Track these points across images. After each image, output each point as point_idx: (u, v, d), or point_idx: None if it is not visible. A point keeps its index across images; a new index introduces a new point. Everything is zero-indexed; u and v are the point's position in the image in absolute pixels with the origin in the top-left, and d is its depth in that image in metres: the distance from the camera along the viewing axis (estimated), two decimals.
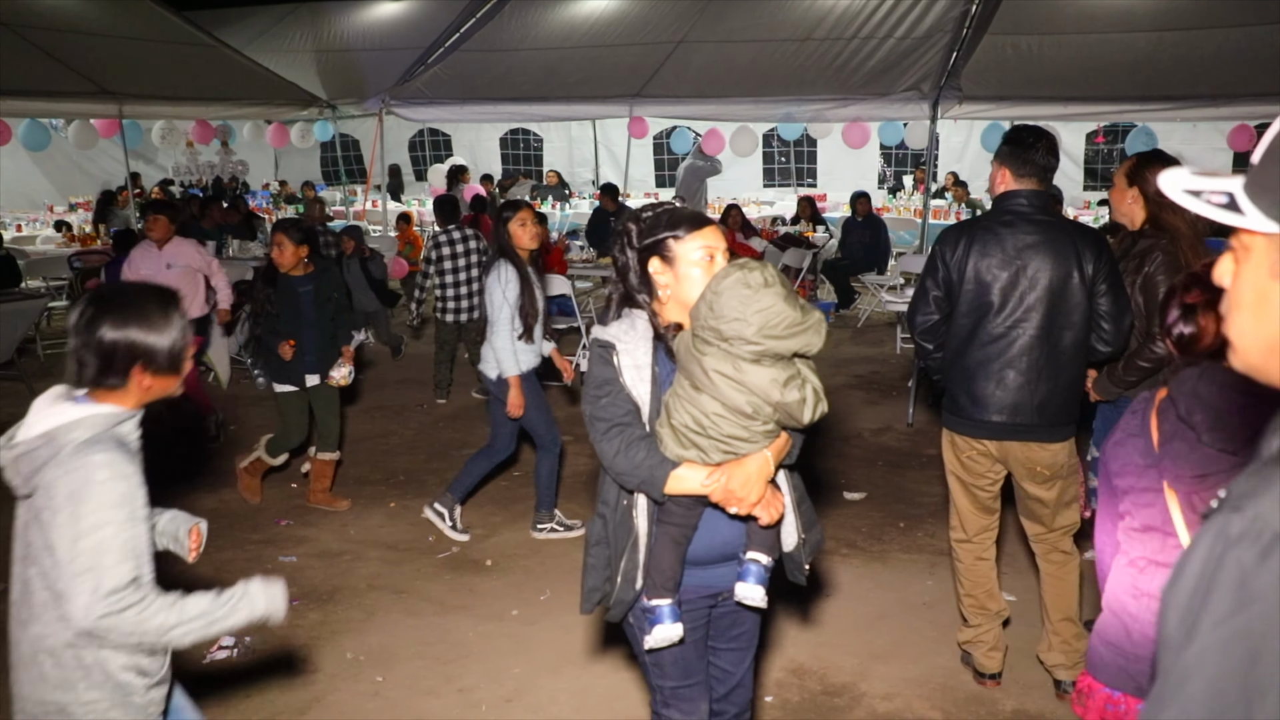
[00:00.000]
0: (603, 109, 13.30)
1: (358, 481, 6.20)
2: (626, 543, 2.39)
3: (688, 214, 2.38)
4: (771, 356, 2.19)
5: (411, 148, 19.16)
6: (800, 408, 2.22)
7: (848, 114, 11.51)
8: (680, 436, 2.26)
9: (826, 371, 8.75)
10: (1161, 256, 3.69)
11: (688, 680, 2.49)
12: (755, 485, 2.27)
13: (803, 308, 2.20)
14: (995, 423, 3.54)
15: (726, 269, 2.21)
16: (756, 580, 2.39)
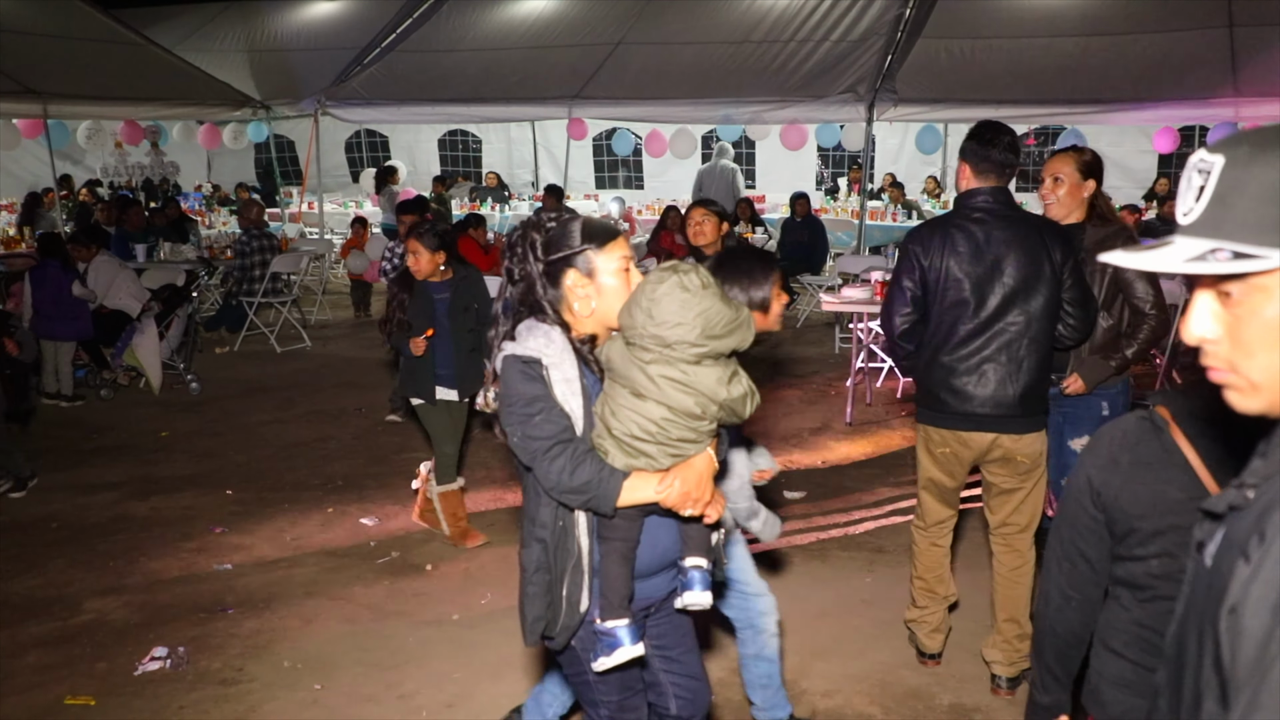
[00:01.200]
0: (542, 110, 13.26)
1: (295, 486, 6.11)
2: (568, 565, 2.30)
3: (601, 226, 2.35)
4: (713, 356, 2.21)
5: (348, 149, 18.93)
6: (743, 402, 2.24)
7: (785, 116, 11.61)
8: (627, 447, 2.23)
9: (766, 372, 8.85)
10: (1130, 245, 3.71)
11: (630, 691, 2.47)
12: (706, 486, 2.27)
13: (733, 303, 2.22)
14: (978, 415, 3.57)
15: (659, 274, 2.20)
16: (702, 586, 2.38)
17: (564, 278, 2.29)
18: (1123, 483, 1.84)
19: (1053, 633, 2.01)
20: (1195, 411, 1.79)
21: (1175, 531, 1.80)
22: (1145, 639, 1.88)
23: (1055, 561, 1.98)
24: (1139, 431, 1.86)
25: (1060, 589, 1.98)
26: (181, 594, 4.68)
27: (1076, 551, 1.94)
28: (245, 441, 7.06)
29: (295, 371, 9.21)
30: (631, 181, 18.75)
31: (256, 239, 10.31)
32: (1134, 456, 1.84)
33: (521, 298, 2.33)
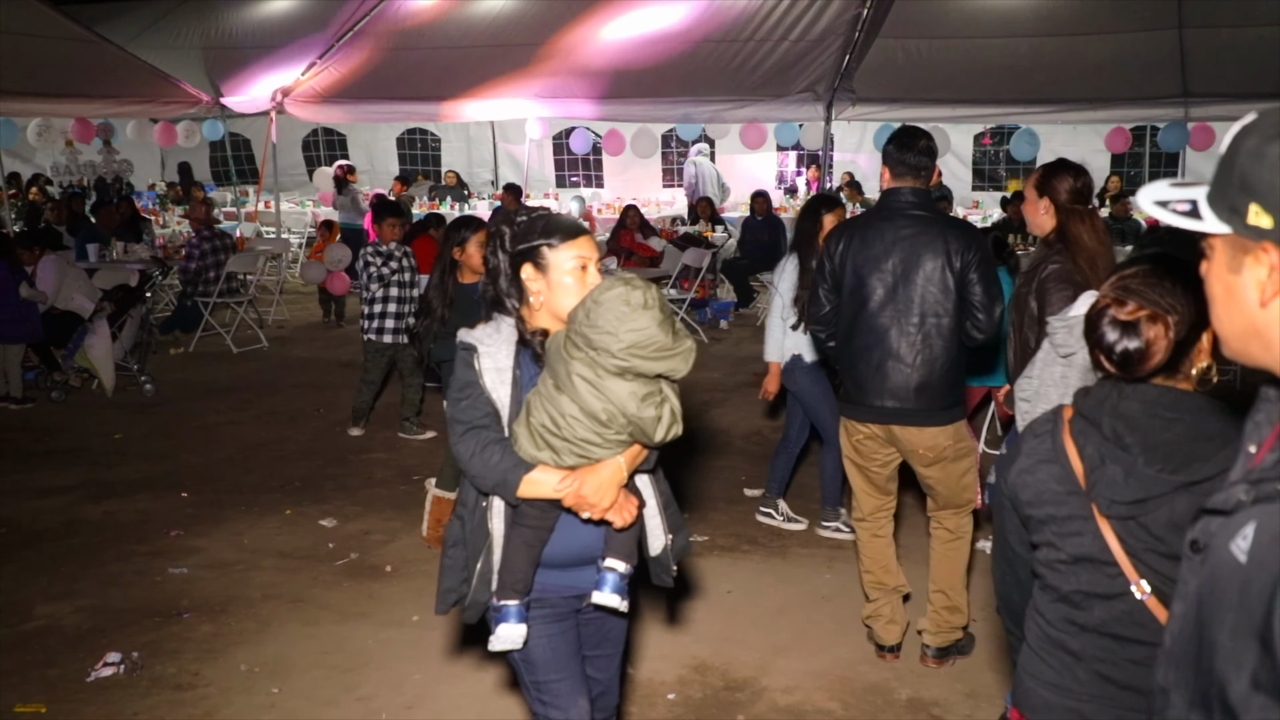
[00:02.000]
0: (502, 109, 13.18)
1: (252, 489, 6.05)
2: (483, 545, 2.40)
3: (564, 223, 2.41)
4: (635, 374, 2.23)
5: (305, 147, 18.76)
6: (654, 425, 2.27)
7: (744, 115, 11.64)
8: (536, 437, 2.28)
9: (726, 369, 8.90)
10: (1053, 266, 3.73)
11: (559, 674, 2.49)
12: (607, 491, 2.30)
13: (676, 333, 2.24)
14: (878, 407, 3.73)
15: (612, 281, 2.24)
16: (612, 589, 2.41)
17: (521, 271, 2.38)
18: (1018, 472, 1.95)
19: (1003, 600, 2.16)
20: (1084, 410, 1.87)
21: (1054, 522, 1.90)
22: (1038, 625, 1.97)
23: (995, 542, 2.13)
24: (1043, 425, 1.97)
25: (997, 563, 2.13)
26: (135, 598, 4.62)
27: (1000, 533, 2.08)
28: (201, 443, 6.98)
29: (252, 372, 9.12)
30: (592, 180, 18.75)
31: (209, 239, 10.19)
32: (1031, 447, 1.95)
33: (491, 288, 2.43)
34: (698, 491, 5.95)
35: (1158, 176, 16.11)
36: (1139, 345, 1.79)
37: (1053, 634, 1.94)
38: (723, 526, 5.42)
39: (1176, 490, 1.75)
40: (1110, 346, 1.82)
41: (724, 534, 5.32)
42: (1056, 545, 1.90)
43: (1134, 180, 16.05)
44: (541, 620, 2.46)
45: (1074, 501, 1.87)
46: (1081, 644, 1.90)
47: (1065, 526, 1.89)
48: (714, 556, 5.06)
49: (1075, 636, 1.91)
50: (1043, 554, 1.94)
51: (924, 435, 3.72)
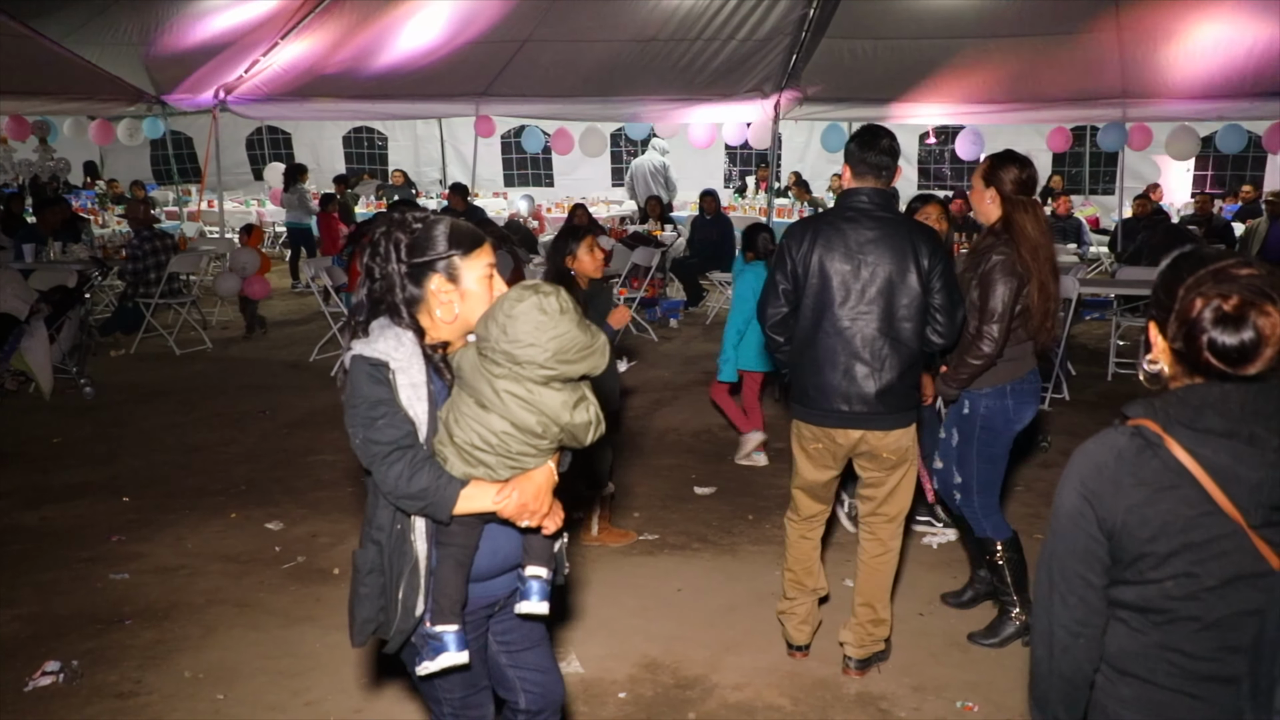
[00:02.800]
0: (449, 107, 13.11)
1: (195, 492, 5.95)
2: (405, 568, 2.30)
3: (467, 230, 2.33)
4: (561, 379, 2.24)
5: (249, 146, 18.51)
6: (586, 429, 2.29)
7: (693, 114, 11.68)
8: (466, 455, 2.25)
9: (676, 368, 8.92)
10: (998, 257, 3.84)
11: (472, 689, 2.49)
12: (545, 498, 2.31)
13: (590, 330, 2.24)
14: (842, 411, 3.66)
15: (519, 291, 2.20)
16: (540, 596, 2.43)
17: (428, 282, 2.28)
18: (1128, 506, 1.74)
19: (1060, 677, 1.86)
20: (1187, 421, 1.72)
21: (1191, 550, 1.71)
22: (1173, 662, 1.77)
23: (1058, 597, 1.83)
24: (1133, 449, 1.76)
25: (1066, 626, 1.83)
26: (75, 606, 4.52)
27: (1084, 582, 1.81)
28: (143, 446, 6.86)
29: (195, 374, 8.98)
30: (541, 179, 18.70)
31: (149, 239, 10.01)
32: (1136, 477, 1.74)
33: (380, 297, 2.31)
34: (648, 490, 5.95)
35: (1098, 176, 16.44)
36: (1254, 337, 1.65)
37: (1203, 668, 1.75)
38: (673, 525, 5.43)
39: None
40: (1223, 344, 1.66)
41: (674, 533, 5.33)
42: (1197, 574, 1.71)
43: (1074, 179, 16.36)
44: (469, 631, 2.43)
45: (1211, 522, 1.70)
46: (1237, 666, 1.74)
47: (1206, 551, 1.70)
48: (665, 555, 5.07)
49: (1230, 660, 1.74)
50: (1171, 586, 1.74)
51: (889, 438, 3.69)
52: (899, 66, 11.46)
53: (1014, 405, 4.00)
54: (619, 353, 7.06)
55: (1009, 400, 3.99)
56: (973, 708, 3.69)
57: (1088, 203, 15.15)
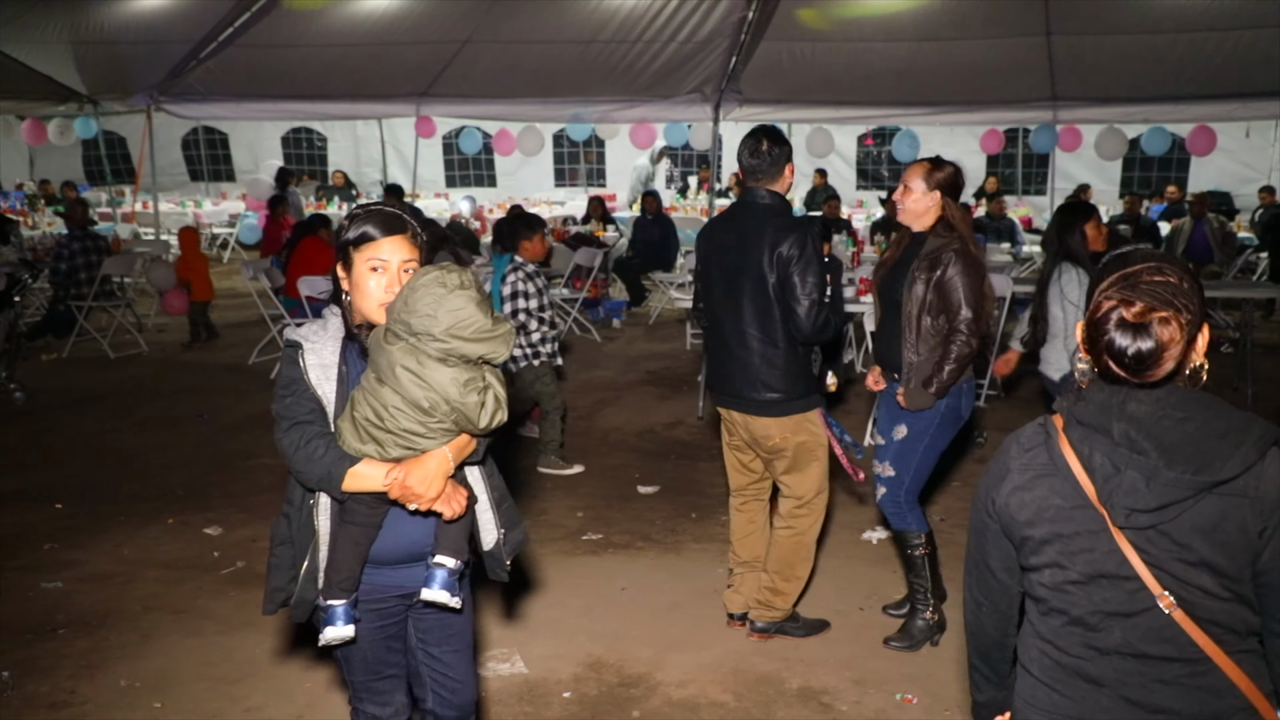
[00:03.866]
0: (388, 108, 13.03)
1: (131, 498, 5.85)
2: (310, 543, 2.41)
3: (379, 219, 2.37)
4: (458, 357, 2.24)
5: (185, 146, 18.21)
6: (478, 411, 2.27)
7: (634, 115, 11.72)
8: (360, 430, 2.29)
9: (619, 368, 8.94)
10: (957, 258, 3.89)
11: (375, 675, 2.55)
12: (434, 481, 2.31)
13: (495, 318, 2.27)
14: (722, 394, 4.03)
15: (428, 268, 2.27)
16: (441, 585, 2.43)
17: (339, 267, 2.42)
18: (1011, 490, 1.82)
19: (973, 634, 2.03)
20: (1083, 418, 1.75)
21: (1060, 540, 1.76)
22: (1046, 654, 1.83)
23: (969, 570, 1.98)
24: (1032, 438, 1.84)
25: (972, 594, 1.98)
26: (6, 615, 4.43)
27: (982, 561, 1.93)
28: (76, 452, 6.73)
29: (130, 378, 8.82)
30: (484, 180, 18.63)
31: (80, 240, 9.81)
32: (1024, 463, 1.82)
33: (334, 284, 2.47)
34: (592, 490, 5.97)
35: (1030, 177, 16.78)
36: (1152, 346, 1.66)
37: (1066, 661, 1.80)
38: (617, 524, 5.46)
39: (1200, 492, 1.65)
40: (1121, 350, 1.68)
41: (618, 531, 5.36)
42: (1064, 565, 1.76)
43: (1008, 180, 16.67)
44: (368, 619, 2.47)
45: (1081, 516, 1.74)
46: (1102, 669, 1.77)
47: (1073, 544, 1.75)
48: (609, 554, 5.09)
49: (1094, 661, 1.77)
50: (1046, 576, 1.80)
51: (757, 424, 3.95)
52: (836, 69, 11.62)
53: (965, 402, 4.10)
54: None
55: (963, 398, 4.08)
56: (912, 700, 3.77)
57: (1021, 203, 15.45)
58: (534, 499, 5.79)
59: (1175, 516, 1.66)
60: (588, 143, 16.23)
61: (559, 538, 5.27)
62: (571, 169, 18.53)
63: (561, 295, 10.47)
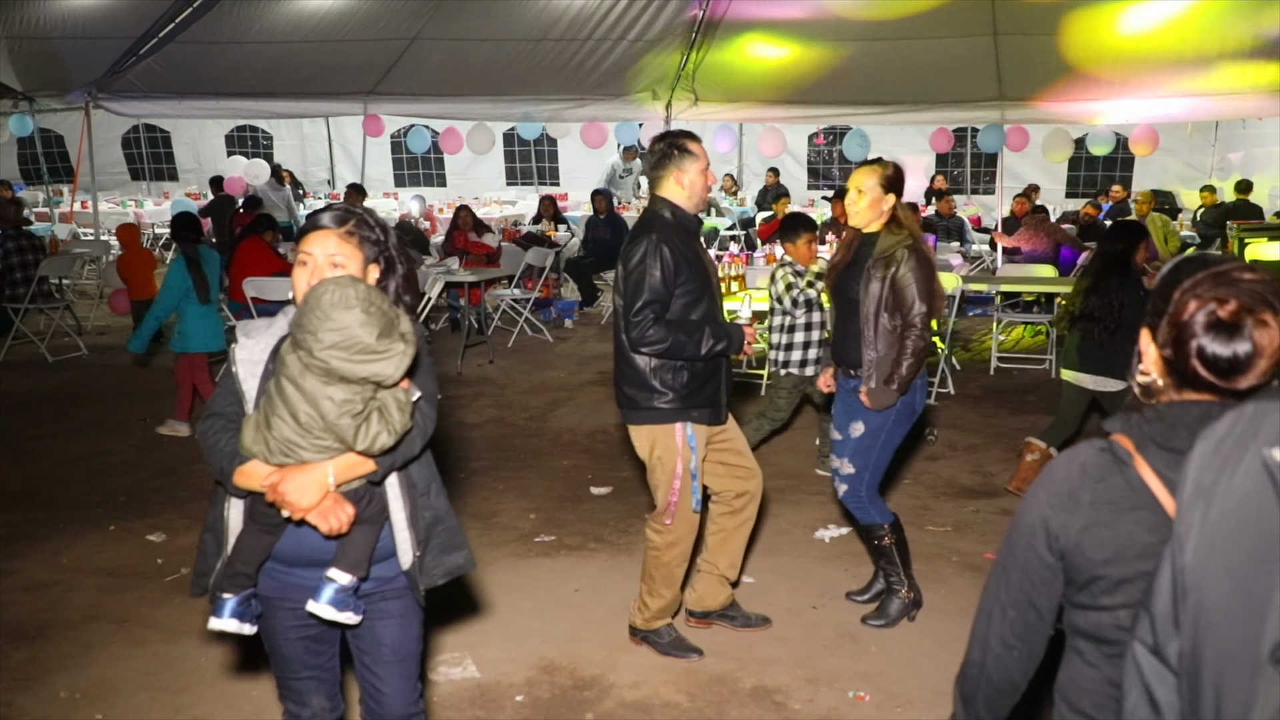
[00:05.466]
0: (336, 106, 12.89)
1: (70, 505, 5.71)
2: (223, 531, 2.43)
3: (313, 214, 2.41)
4: (338, 377, 2.15)
5: (126, 144, 17.87)
6: (353, 433, 2.19)
7: (585, 114, 11.69)
8: (256, 432, 2.27)
9: (572, 368, 8.90)
10: (911, 256, 3.97)
11: (292, 674, 2.57)
12: (306, 492, 2.24)
13: (388, 336, 2.16)
14: None
15: (326, 280, 2.19)
16: (328, 600, 2.35)
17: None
18: (1084, 525, 1.61)
19: (988, 682, 1.81)
20: (1160, 440, 1.57)
21: (1146, 579, 1.52)
22: (1119, 700, 1.57)
23: (999, 608, 1.75)
24: (1100, 466, 1.63)
25: (1001, 637, 1.76)
26: None
27: (1026, 600, 1.71)
28: (13, 458, 6.55)
29: (70, 381, 8.62)
30: (433, 179, 18.49)
31: (14, 239, 9.57)
32: (1096, 496, 1.61)
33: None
34: (544, 491, 5.93)
35: (978, 176, 16.98)
36: (1249, 350, 1.49)
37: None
38: (569, 526, 5.42)
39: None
40: (1213, 354, 1.50)
41: (570, 533, 5.32)
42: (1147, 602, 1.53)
43: (956, 179, 16.86)
44: (284, 618, 2.48)
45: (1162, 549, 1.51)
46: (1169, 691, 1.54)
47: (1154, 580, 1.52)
48: (561, 556, 5.05)
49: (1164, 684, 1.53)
50: (1122, 616, 1.60)
51: (630, 430, 3.94)
52: (787, 68, 11.67)
53: (919, 398, 4.16)
54: None
55: (918, 393, 4.14)
56: (864, 697, 3.77)
57: (970, 202, 15.63)
58: (485, 501, 5.73)
59: None
60: (539, 141, 16.17)
61: (511, 540, 5.22)
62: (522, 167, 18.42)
63: (512, 296, 10.41)
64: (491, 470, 6.28)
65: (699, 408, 3.81)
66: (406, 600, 2.54)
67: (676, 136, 3.82)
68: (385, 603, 2.51)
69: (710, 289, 3.81)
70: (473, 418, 7.47)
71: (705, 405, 3.82)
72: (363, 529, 2.37)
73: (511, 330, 10.25)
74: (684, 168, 3.75)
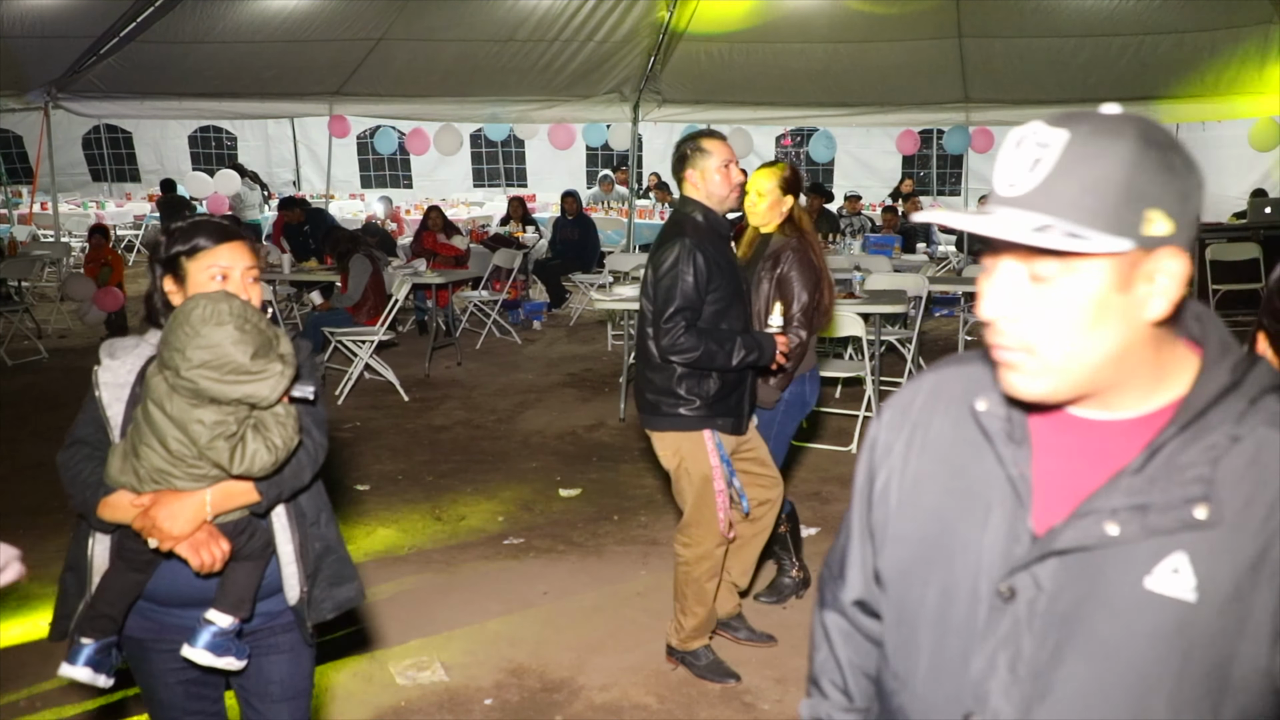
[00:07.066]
0: (301, 107, 12.77)
1: (32, 510, 5.61)
2: (86, 569, 2.26)
3: (210, 227, 2.23)
4: (209, 398, 2.03)
5: (87, 145, 17.64)
6: (227, 456, 2.05)
7: (552, 115, 11.67)
8: (124, 461, 2.13)
9: (540, 370, 8.87)
10: (794, 255, 4.14)
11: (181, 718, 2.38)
12: (179, 519, 2.10)
13: (263, 355, 2.05)
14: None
15: (199, 295, 2.07)
16: (205, 644, 2.18)
17: (164, 283, 2.25)
18: None
19: None
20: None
21: None
22: None
23: None
24: None
25: None
26: None
27: None
28: None
29: (30, 385, 8.49)
30: (400, 180, 18.39)
31: None
32: None
33: (146, 304, 2.30)
34: (513, 494, 5.90)
35: (945, 178, 17.11)
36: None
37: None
38: (538, 528, 5.40)
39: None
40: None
41: (539, 535, 5.30)
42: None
43: (923, 181, 16.98)
44: (163, 660, 2.30)
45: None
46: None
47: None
48: (530, 559, 5.03)
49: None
50: None
51: (652, 436, 3.82)
52: (754, 69, 11.71)
53: (809, 390, 4.31)
54: None
55: (806, 386, 4.28)
56: None
57: (936, 204, 15.75)
58: (453, 504, 5.70)
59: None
60: (506, 142, 16.12)
61: (479, 542, 5.19)
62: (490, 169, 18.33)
63: (480, 297, 10.37)
64: (459, 473, 6.24)
65: (724, 416, 3.70)
66: (296, 634, 2.37)
67: (695, 136, 3.74)
68: (274, 638, 2.36)
69: (741, 296, 3.72)
70: (440, 420, 7.43)
71: (729, 415, 3.72)
72: (244, 566, 2.22)
73: (479, 332, 10.20)
74: (699, 166, 3.65)
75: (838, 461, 6.35)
